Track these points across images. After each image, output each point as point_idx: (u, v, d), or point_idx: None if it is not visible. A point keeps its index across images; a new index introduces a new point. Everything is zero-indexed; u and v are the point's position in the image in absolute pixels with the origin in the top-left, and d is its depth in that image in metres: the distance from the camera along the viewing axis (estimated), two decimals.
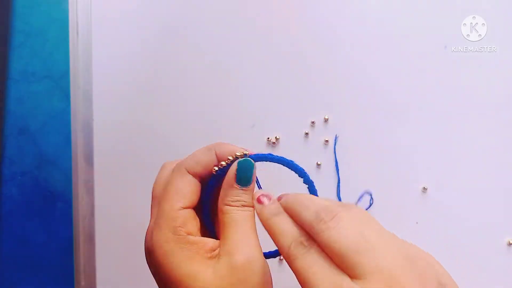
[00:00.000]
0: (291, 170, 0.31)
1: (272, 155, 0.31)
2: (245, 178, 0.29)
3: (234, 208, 0.28)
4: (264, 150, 0.54)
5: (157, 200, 0.30)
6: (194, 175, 0.29)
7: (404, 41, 0.52)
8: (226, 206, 0.28)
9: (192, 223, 0.28)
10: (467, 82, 0.52)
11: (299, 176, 0.31)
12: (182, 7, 0.55)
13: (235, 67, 0.54)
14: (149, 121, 0.55)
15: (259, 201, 0.28)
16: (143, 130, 0.55)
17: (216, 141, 0.55)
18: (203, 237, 0.28)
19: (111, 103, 0.55)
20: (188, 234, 0.27)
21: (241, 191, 0.29)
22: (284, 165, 0.31)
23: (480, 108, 0.51)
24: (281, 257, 0.36)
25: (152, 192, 0.31)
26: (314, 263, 0.23)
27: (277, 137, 0.54)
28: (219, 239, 0.29)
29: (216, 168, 0.29)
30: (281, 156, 0.31)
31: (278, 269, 0.53)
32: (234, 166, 0.29)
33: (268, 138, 0.54)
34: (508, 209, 0.50)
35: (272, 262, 0.31)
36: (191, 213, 0.28)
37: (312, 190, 0.31)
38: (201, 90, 0.55)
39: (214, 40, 0.54)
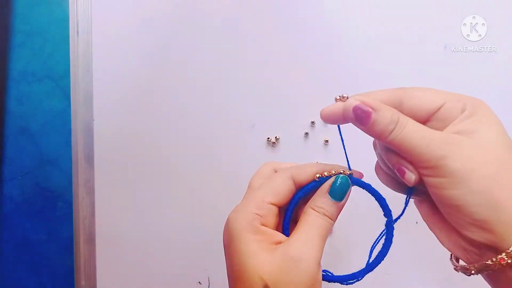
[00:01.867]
0: (381, 207, 0.34)
1: (370, 186, 0.33)
2: (337, 192, 0.31)
3: (316, 213, 0.31)
4: (264, 150, 0.54)
5: (251, 191, 0.33)
6: (296, 183, 0.32)
7: (404, 41, 0.52)
8: (309, 209, 0.31)
9: (272, 218, 0.31)
10: (467, 82, 0.52)
11: (384, 216, 0.34)
12: (182, 7, 0.55)
13: (235, 67, 0.54)
14: (149, 121, 0.55)
15: (362, 110, 0.29)
16: (143, 130, 0.55)
17: (216, 141, 0.55)
18: (274, 230, 0.31)
19: (111, 103, 0.55)
20: (263, 225, 0.30)
21: (330, 202, 0.31)
22: (376, 200, 0.33)
23: None
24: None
25: (250, 182, 0.34)
26: (419, 127, 0.27)
27: (277, 137, 0.54)
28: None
29: (318, 175, 0.31)
30: (376, 190, 0.33)
31: None
32: (332, 178, 0.31)
33: (268, 138, 0.54)
34: None
35: None
36: (275, 210, 0.31)
37: (388, 237, 0.34)
38: (201, 90, 0.55)
39: (214, 41, 0.54)
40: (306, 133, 0.53)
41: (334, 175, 0.31)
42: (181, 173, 0.55)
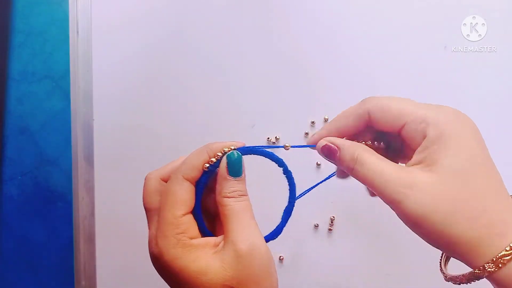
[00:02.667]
0: (273, 161, 0.33)
1: (256, 147, 0.33)
2: (236, 169, 0.30)
3: (232, 199, 0.30)
4: None
5: (153, 212, 0.31)
6: (191, 180, 0.30)
7: (404, 41, 0.52)
8: (224, 198, 0.30)
9: (193, 226, 0.30)
10: (467, 82, 0.52)
11: (278, 166, 0.33)
12: (182, 7, 0.55)
13: (235, 67, 0.54)
14: (149, 121, 0.55)
15: (330, 149, 0.31)
16: (143, 130, 0.55)
17: (215, 140, 0.55)
18: (204, 238, 0.30)
19: (111, 103, 0.55)
20: (191, 238, 0.29)
21: (235, 182, 0.30)
22: (266, 157, 0.33)
23: (480, 108, 0.51)
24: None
25: (145, 205, 0.32)
26: (394, 97, 0.29)
27: (277, 137, 0.54)
28: (213, 234, 0.31)
29: (207, 165, 0.30)
30: (261, 149, 0.33)
31: (278, 270, 0.53)
32: (224, 160, 0.30)
33: (268, 138, 0.54)
34: None
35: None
36: (190, 218, 0.30)
37: (291, 182, 0.33)
38: (201, 90, 0.55)
39: (214, 40, 0.54)
40: (306, 133, 0.53)
41: (222, 156, 0.31)
42: None
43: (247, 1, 0.54)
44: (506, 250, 0.24)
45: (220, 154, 0.31)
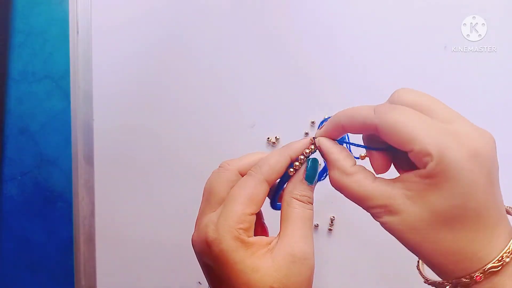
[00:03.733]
0: None
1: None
2: (312, 176, 0.32)
3: (301, 203, 0.31)
4: (264, 150, 0.54)
5: (219, 197, 0.31)
6: (269, 182, 0.31)
7: (404, 41, 0.52)
8: (293, 199, 0.31)
9: (253, 226, 0.31)
10: (467, 82, 0.52)
11: None
12: (182, 7, 0.55)
13: (235, 67, 0.54)
14: (149, 121, 0.55)
15: None
16: (143, 130, 0.55)
17: (216, 141, 0.55)
18: (258, 236, 0.31)
19: (111, 103, 0.55)
20: (248, 236, 0.30)
21: (308, 187, 0.31)
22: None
23: (480, 108, 0.51)
24: None
25: (210, 189, 0.32)
26: (407, 113, 0.26)
27: (277, 137, 0.54)
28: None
29: (292, 170, 0.32)
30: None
31: None
32: (305, 164, 0.32)
33: (268, 138, 0.54)
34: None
35: None
36: (254, 218, 0.31)
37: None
38: (201, 90, 0.55)
39: (214, 40, 0.54)
40: (306, 133, 0.53)
41: (305, 159, 0.32)
42: (181, 173, 0.55)
43: (247, 1, 0.54)
44: (494, 263, 0.25)
45: (302, 157, 0.32)
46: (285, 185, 0.32)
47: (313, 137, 0.32)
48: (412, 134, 0.25)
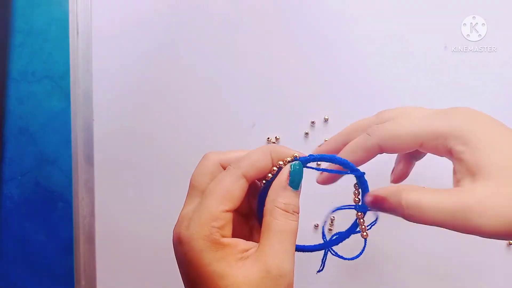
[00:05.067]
0: (340, 165, 0.31)
1: (322, 155, 0.31)
2: (297, 180, 0.29)
3: (284, 213, 0.28)
4: None
5: (198, 192, 0.30)
6: (248, 178, 0.29)
7: (404, 41, 0.52)
8: (276, 208, 0.28)
9: (229, 225, 0.28)
10: (467, 82, 0.52)
11: (352, 173, 0.31)
12: (182, 8, 0.54)
13: (235, 67, 0.54)
14: (149, 121, 0.55)
15: (377, 202, 0.30)
16: (143, 130, 0.55)
17: (216, 140, 0.55)
18: (235, 238, 0.28)
19: (111, 103, 0.55)
20: (223, 236, 0.27)
21: (293, 194, 0.28)
22: (334, 163, 0.31)
23: (480, 108, 0.51)
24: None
25: (192, 181, 0.31)
26: (398, 121, 0.28)
27: (277, 137, 0.54)
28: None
29: (270, 175, 0.29)
30: (329, 155, 0.31)
31: None
32: (287, 168, 0.29)
33: (268, 138, 0.54)
34: None
35: None
36: (231, 216, 0.28)
37: (362, 182, 0.31)
38: (201, 90, 0.55)
39: (214, 40, 0.54)
40: (306, 133, 0.53)
41: (289, 162, 0.29)
42: (181, 173, 0.55)
43: (247, 1, 0.54)
44: None
45: (281, 163, 0.29)
46: None
47: (296, 156, 0.30)
48: (414, 130, 0.27)
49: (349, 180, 0.33)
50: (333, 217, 0.53)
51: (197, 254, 0.27)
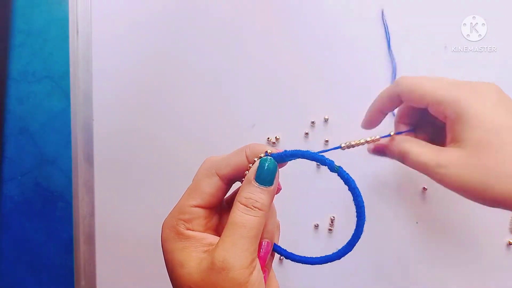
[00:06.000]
0: (315, 161, 0.30)
1: (296, 151, 0.29)
2: (264, 176, 0.28)
3: (243, 207, 0.28)
4: None
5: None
6: (222, 176, 0.30)
7: (404, 41, 0.52)
8: (237, 203, 0.28)
9: (201, 221, 0.29)
10: None
11: (330, 171, 0.30)
12: (182, 8, 0.55)
13: (235, 67, 0.54)
14: (149, 121, 0.55)
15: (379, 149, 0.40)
16: (143, 130, 0.55)
17: (216, 140, 0.55)
18: (203, 233, 0.29)
19: (111, 103, 0.55)
20: (189, 229, 0.29)
21: (259, 189, 0.28)
22: (308, 159, 0.30)
23: None
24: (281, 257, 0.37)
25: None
26: (419, 77, 0.35)
27: (277, 137, 0.54)
28: None
29: (247, 172, 0.29)
30: (307, 151, 0.30)
31: (278, 270, 0.53)
32: (256, 162, 0.29)
33: (268, 138, 0.54)
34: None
35: (274, 262, 0.31)
36: (203, 212, 0.29)
37: (344, 176, 0.30)
38: (201, 90, 0.55)
39: (215, 40, 0.54)
40: (306, 133, 0.53)
41: (258, 158, 0.29)
42: (181, 173, 0.55)
43: (247, 1, 0.54)
44: None
45: (256, 160, 0.29)
46: None
47: (267, 151, 0.29)
48: (426, 90, 0.33)
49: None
50: (333, 217, 0.53)
51: (164, 242, 0.30)
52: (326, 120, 0.53)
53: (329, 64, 0.53)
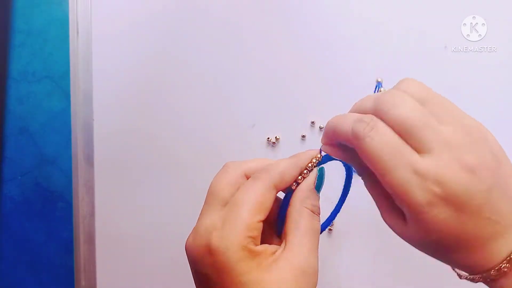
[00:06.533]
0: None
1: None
2: (321, 184, 0.30)
3: (311, 214, 0.29)
4: (264, 150, 0.54)
5: (221, 200, 0.30)
6: (277, 190, 0.30)
7: (404, 41, 0.52)
8: (304, 209, 0.29)
9: (260, 234, 0.29)
10: (467, 82, 0.52)
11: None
12: (182, 8, 0.55)
13: (235, 67, 0.54)
14: (149, 121, 0.55)
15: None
16: (143, 130, 0.55)
17: (216, 141, 0.55)
18: (265, 245, 0.29)
19: (111, 103, 0.55)
20: (256, 245, 0.28)
21: (318, 197, 0.30)
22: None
23: (480, 108, 0.51)
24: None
25: (212, 190, 0.31)
26: (384, 141, 0.25)
27: (277, 137, 0.54)
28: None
29: (300, 178, 0.30)
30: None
31: None
32: (315, 172, 0.30)
33: (268, 138, 0.54)
34: None
35: None
36: (262, 225, 0.29)
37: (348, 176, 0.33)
38: (201, 90, 0.55)
39: (214, 40, 0.54)
40: (306, 134, 0.53)
41: (314, 167, 0.31)
42: (181, 173, 0.55)
43: (247, 1, 0.54)
44: None
45: (310, 165, 0.30)
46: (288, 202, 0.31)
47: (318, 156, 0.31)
48: (382, 170, 0.25)
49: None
50: None
51: (234, 264, 0.27)
52: (325, 121, 0.53)
53: (329, 64, 0.53)
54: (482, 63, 0.52)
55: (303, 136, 0.53)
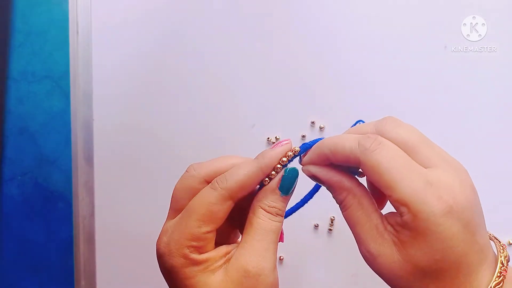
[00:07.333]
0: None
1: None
2: (288, 187, 0.29)
3: (268, 215, 0.28)
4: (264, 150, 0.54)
5: (179, 205, 0.30)
6: (234, 200, 0.28)
7: (404, 41, 0.52)
8: (260, 209, 0.28)
9: (212, 242, 0.28)
10: (467, 82, 0.52)
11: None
12: (182, 8, 0.54)
13: (235, 67, 0.54)
14: (149, 121, 0.55)
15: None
16: (143, 130, 0.55)
17: (216, 140, 0.55)
18: (216, 249, 0.28)
19: (111, 103, 0.55)
20: (202, 253, 0.28)
21: (280, 198, 0.29)
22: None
23: (480, 108, 0.51)
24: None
25: (173, 195, 0.31)
26: (392, 153, 0.25)
27: (277, 137, 0.54)
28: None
29: (268, 180, 0.29)
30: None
31: (279, 270, 0.53)
32: (281, 173, 0.29)
33: (268, 138, 0.54)
34: (508, 209, 0.50)
35: None
36: (213, 234, 0.28)
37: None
38: (201, 90, 0.55)
39: (214, 40, 0.54)
40: (306, 134, 0.53)
41: (281, 168, 0.29)
42: (181, 173, 0.55)
43: (247, 2, 0.54)
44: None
45: (279, 166, 0.29)
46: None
47: (296, 147, 0.30)
48: (393, 181, 0.24)
49: None
50: (333, 217, 0.53)
51: (177, 269, 0.27)
52: (325, 121, 0.53)
53: (329, 64, 0.53)
54: (482, 63, 0.52)
55: (303, 136, 0.53)
